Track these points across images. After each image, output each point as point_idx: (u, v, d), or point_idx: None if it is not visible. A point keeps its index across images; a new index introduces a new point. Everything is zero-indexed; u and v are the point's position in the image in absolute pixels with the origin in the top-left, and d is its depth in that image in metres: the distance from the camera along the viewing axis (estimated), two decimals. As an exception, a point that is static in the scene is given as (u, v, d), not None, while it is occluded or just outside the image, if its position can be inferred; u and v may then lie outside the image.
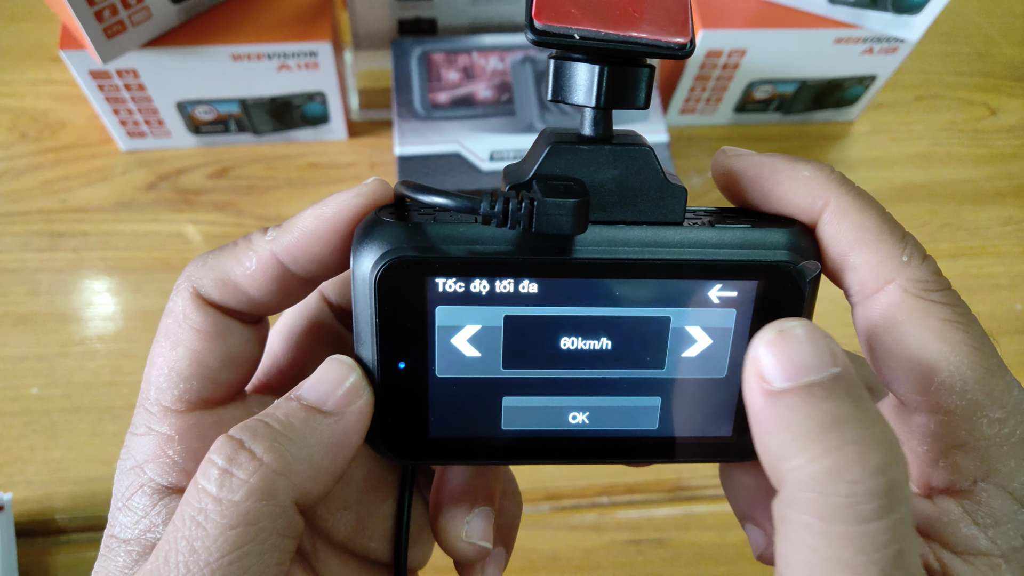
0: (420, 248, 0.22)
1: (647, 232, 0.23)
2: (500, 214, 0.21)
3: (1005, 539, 0.21)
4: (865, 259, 0.22)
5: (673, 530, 0.56)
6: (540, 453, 0.25)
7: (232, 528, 0.20)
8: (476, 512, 0.27)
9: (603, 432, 0.25)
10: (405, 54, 0.63)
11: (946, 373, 0.21)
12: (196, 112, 0.64)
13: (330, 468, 0.22)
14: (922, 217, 0.71)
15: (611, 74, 0.22)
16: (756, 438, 0.20)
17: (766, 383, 0.20)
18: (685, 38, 0.22)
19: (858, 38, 0.64)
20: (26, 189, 0.65)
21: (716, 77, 0.67)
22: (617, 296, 0.23)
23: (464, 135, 0.60)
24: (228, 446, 0.21)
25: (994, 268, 0.69)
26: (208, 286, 0.24)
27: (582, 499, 0.57)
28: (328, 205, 0.23)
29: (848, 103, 0.72)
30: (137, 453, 0.24)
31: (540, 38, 0.21)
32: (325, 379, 0.23)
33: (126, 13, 0.55)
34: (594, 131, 0.23)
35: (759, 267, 0.23)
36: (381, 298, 0.22)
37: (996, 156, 0.75)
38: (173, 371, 0.24)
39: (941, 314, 0.21)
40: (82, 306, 0.61)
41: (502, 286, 0.23)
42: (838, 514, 0.18)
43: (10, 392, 0.57)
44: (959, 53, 0.80)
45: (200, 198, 0.66)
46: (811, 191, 0.23)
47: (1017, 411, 0.21)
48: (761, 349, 0.20)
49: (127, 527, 0.23)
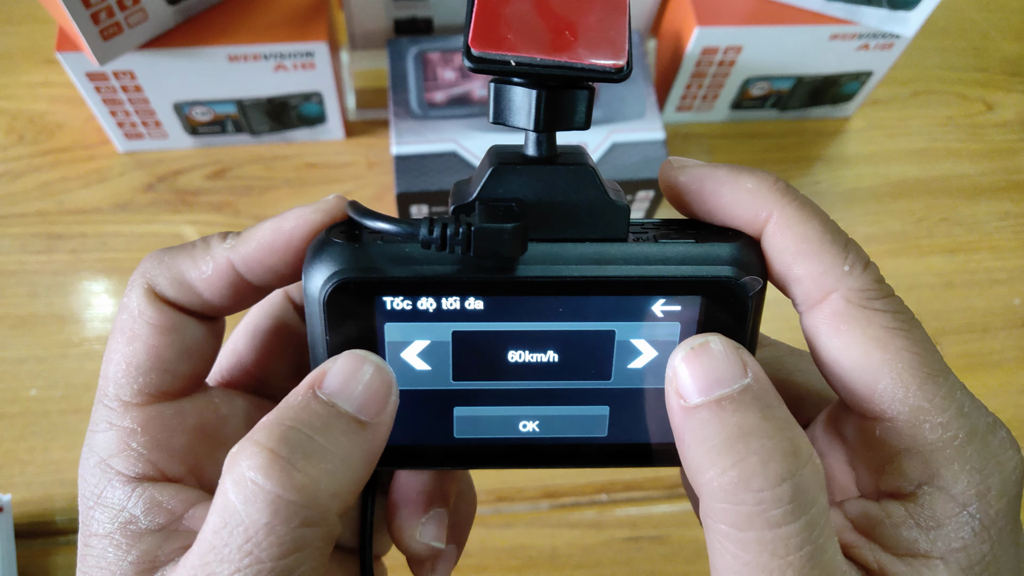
0: (366, 269, 0.22)
1: (590, 249, 0.23)
2: (438, 239, 0.21)
3: (945, 541, 0.21)
4: (808, 270, 0.22)
5: (672, 527, 0.56)
6: (492, 459, 0.26)
7: (289, 555, 0.20)
8: (431, 514, 0.28)
9: (554, 439, 0.25)
10: (401, 54, 0.63)
11: (888, 380, 0.21)
12: (193, 113, 0.64)
13: (367, 477, 0.22)
14: (919, 212, 0.71)
15: (548, 98, 0.22)
16: (679, 451, 0.22)
17: (682, 400, 0.21)
18: (621, 61, 0.22)
19: (854, 34, 0.64)
20: (24, 191, 0.66)
21: (712, 74, 0.68)
22: (562, 311, 0.23)
23: (461, 134, 0.60)
24: (276, 467, 0.20)
25: (991, 263, 0.69)
26: (163, 284, 0.24)
27: (581, 496, 0.57)
28: (287, 219, 0.24)
29: (844, 99, 0.73)
30: (100, 449, 0.24)
31: (477, 65, 0.22)
32: (358, 381, 0.22)
33: (122, 15, 0.55)
34: (537, 151, 0.23)
35: (701, 282, 0.23)
36: (330, 316, 0.23)
37: (993, 151, 0.75)
38: (131, 366, 0.23)
39: (882, 321, 0.22)
40: (81, 308, 0.61)
41: (449, 303, 0.23)
42: (748, 522, 0.19)
43: (9, 394, 0.57)
44: (955, 48, 0.80)
45: (198, 199, 0.66)
46: (753, 203, 0.23)
47: (960, 414, 0.21)
48: (677, 366, 0.22)
49: (104, 523, 0.23)
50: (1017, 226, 0.71)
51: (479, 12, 0.22)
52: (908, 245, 0.69)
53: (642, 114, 0.62)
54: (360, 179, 0.68)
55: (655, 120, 0.61)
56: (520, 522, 0.56)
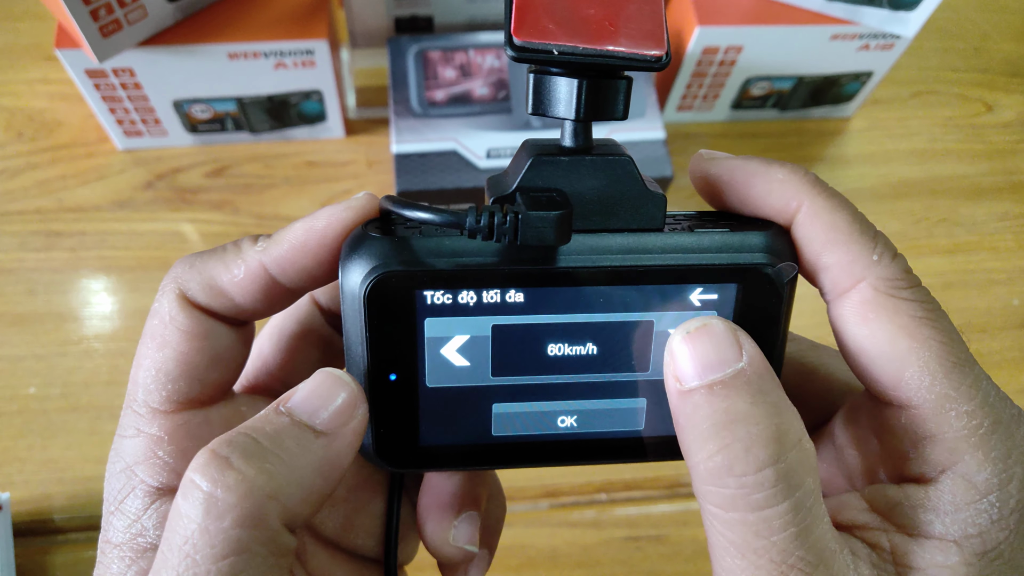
0: (407, 262, 0.22)
1: (629, 239, 0.23)
2: (486, 228, 0.21)
3: (961, 526, 0.21)
4: (837, 259, 0.23)
5: (672, 526, 0.56)
6: (529, 457, 0.26)
7: (223, 558, 0.19)
8: (463, 517, 0.28)
9: (591, 434, 0.25)
10: (402, 52, 0.63)
11: (915, 368, 0.22)
12: (193, 111, 0.64)
13: (321, 489, 0.22)
14: (919, 213, 0.71)
15: (589, 87, 0.22)
16: (676, 432, 0.22)
17: (679, 383, 0.22)
18: (661, 50, 0.22)
19: (854, 34, 0.64)
20: (23, 188, 0.65)
21: (713, 74, 0.68)
22: (602, 302, 0.23)
23: (461, 133, 0.60)
24: (213, 466, 0.20)
25: (991, 264, 0.69)
26: (195, 289, 0.24)
27: (581, 496, 0.57)
28: (319, 218, 0.23)
29: (845, 99, 0.73)
30: (127, 455, 0.24)
31: (520, 54, 0.22)
32: (319, 394, 0.22)
33: (122, 12, 0.55)
34: (574, 142, 0.24)
35: (737, 270, 0.23)
36: (370, 312, 0.23)
37: (993, 152, 0.75)
38: (160, 372, 0.23)
39: (910, 311, 0.22)
40: (79, 305, 0.61)
41: (489, 296, 0.23)
42: (733, 504, 0.20)
43: (8, 392, 0.57)
44: (955, 49, 0.80)
45: (197, 197, 0.66)
46: (785, 193, 0.23)
47: (985, 403, 0.22)
48: (675, 348, 0.22)
49: (119, 531, 0.23)
50: (1017, 227, 0.71)
51: (520, 2, 0.22)
52: (908, 245, 0.69)
53: (643, 113, 0.62)
54: (360, 177, 0.68)
55: (656, 120, 0.61)
56: (520, 521, 0.56)
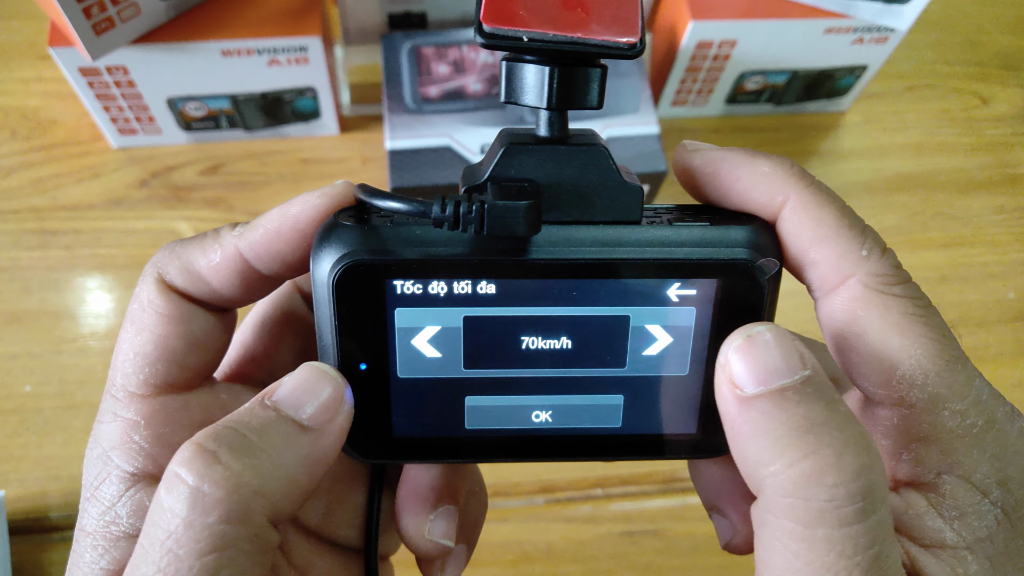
0: (376, 251, 0.22)
1: (604, 231, 0.23)
2: (451, 217, 0.21)
3: (970, 531, 0.21)
4: (825, 254, 0.22)
5: (667, 521, 0.57)
6: (504, 452, 0.25)
7: (207, 554, 0.19)
8: (440, 511, 0.28)
9: (567, 430, 0.25)
10: (395, 48, 0.63)
11: (907, 367, 0.21)
12: (187, 109, 0.64)
13: (307, 485, 0.21)
14: (914, 206, 0.71)
15: (562, 75, 0.22)
16: (732, 445, 0.21)
17: (738, 389, 0.20)
18: (635, 37, 0.22)
19: (848, 28, 0.64)
20: (17, 187, 0.65)
21: (707, 68, 0.67)
22: (575, 296, 0.23)
23: (455, 129, 0.60)
24: (199, 460, 0.20)
25: (987, 257, 0.69)
26: (173, 273, 0.24)
27: (577, 491, 0.57)
28: (293, 204, 0.23)
29: (839, 93, 0.73)
30: (103, 440, 0.23)
31: (489, 41, 0.21)
32: (304, 389, 0.22)
33: (114, 10, 0.55)
34: (549, 131, 0.23)
35: (717, 265, 0.23)
36: (339, 300, 0.22)
37: (988, 145, 0.75)
38: (139, 356, 0.23)
39: (901, 307, 0.21)
40: (75, 304, 0.61)
41: (460, 287, 0.23)
42: (819, 518, 0.18)
43: (3, 390, 0.57)
44: (950, 42, 0.80)
45: (192, 195, 0.66)
46: (770, 187, 0.23)
47: (978, 402, 0.21)
48: (731, 355, 0.21)
49: (93, 519, 0.23)
50: (1012, 220, 0.71)
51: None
52: (903, 239, 0.69)
53: (637, 108, 0.62)
54: (354, 174, 0.68)
55: (650, 114, 0.61)
56: (516, 517, 0.56)
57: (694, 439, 0.25)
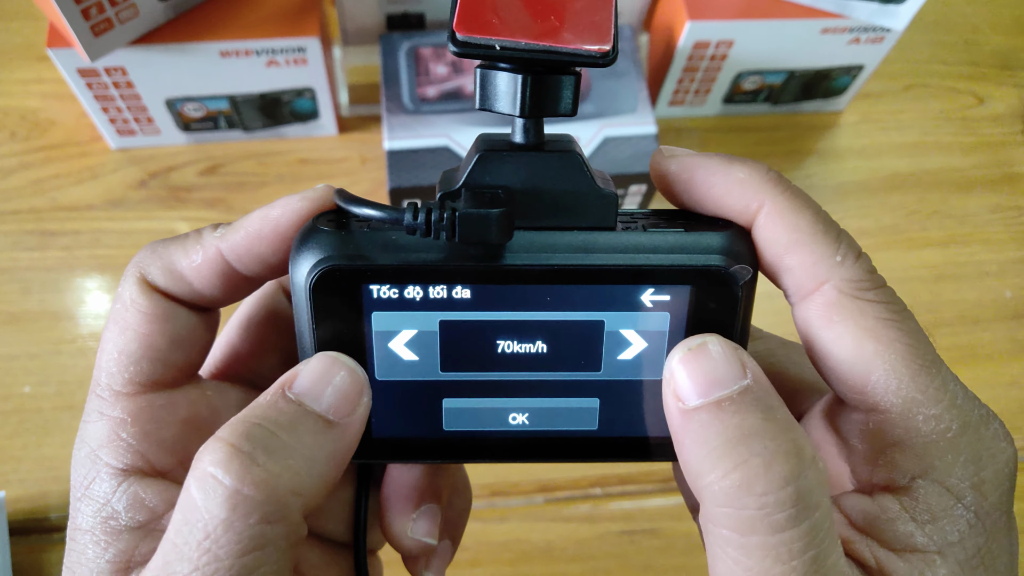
0: (352, 256, 0.22)
1: (578, 237, 0.23)
2: (423, 225, 0.21)
3: (941, 535, 0.21)
4: (800, 260, 0.22)
5: (666, 520, 0.57)
6: (482, 453, 0.26)
7: (247, 553, 0.19)
8: (423, 510, 0.28)
9: (543, 432, 0.25)
10: (393, 49, 0.63)
11: (881, 371, 0.21)
12: (185, 109, 0.64)
13: (334, 478, 0.22)
14: (911, 205, 0.71)
15: (534, 83, 0.22)
16: (678, 455, 0.21)
17: (680, 401, 0.21)
18: (607, 45, 0.22)
19: (844, 28, 0.65)
20: (16, 188, 0.65)
21: (704, 68, 0.68)
22: (550, 300, 0.23)
23: (453, 129, 0.60)
24: (236, 461, 0.20)
25: (983, 256, 0.69)
26: (155, 273, 0.24)
27: (575, 490, 0.57)
28: (274, 208, 0.24)
29: (836, 93, 0.73)
30: (91, 439, 0.24)
31: (462, 49, 0.22)
32: (326, 380, 0.22)
33: (113, 11, 0.55)
34: (524, 138, 0.23)
35: (691, 271, 0.23)
36: (316, 304, 0.23)
37: (984, 144, 0.75)
38: (123, 354, 0.23)
39: (875, 312, 0.21)
40: (74, 304, 0.61)
41: (435, 292, 0.23)
42: (752, 526, 0.19)
43: (2, 391, 0.57)
44: (946, 42, 0.80)
45: (191, 195, 0.66)
46: (745, 192, 0.23)
47: (952, 406, 0.21)
48: (674, 367, 0.22)
49: (88, 516, 0.23)
50: (1008, 219, 0.71)
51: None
52: (900, 238, 0.70)
53: (634, 108, 0.62)
54: (353, 174, 0.68)
55: (647, 114, 0.62)
56: (514, 516, 0.56)
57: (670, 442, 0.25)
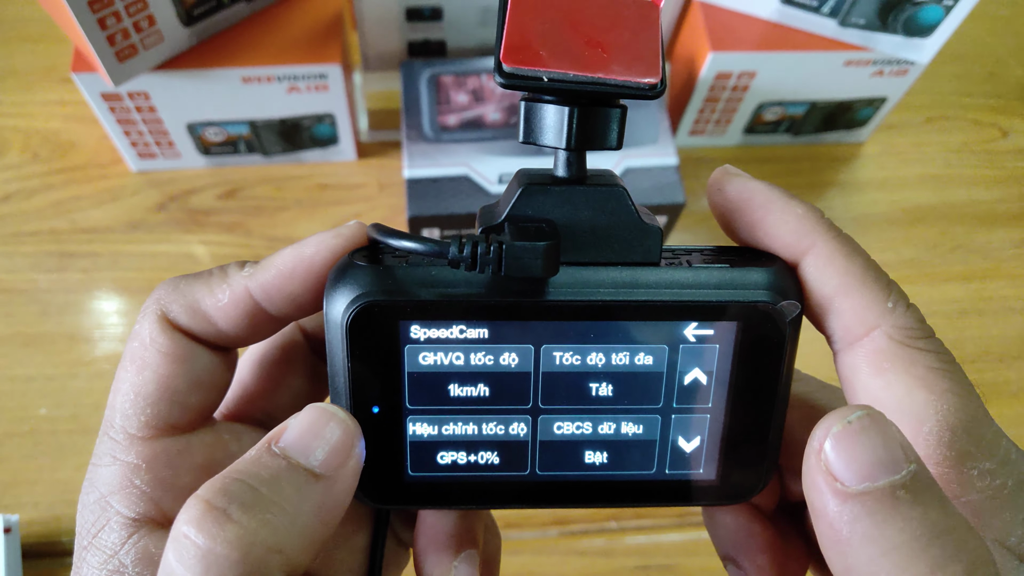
0: (390, 291, 0.22)
1: (623, 273, 0.23)
2: (468, 258, 0.21)
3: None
4: (851, 304, 0.22)
5: (681, 556, 0.56)
6: (523, 496, 0.25)
7: None
8: (463, 556, 0.27)
9: (607, 476, 0.24)
10: (414, 76, 0.63)
11: (933, 422, 0.21)
12: (206, 134, 0.65)
13: (322, 535, 0.21)
14: (934, 239, 0.70)
15: (581, 115, 0.22)
16: (830, 546, 0.19)
17: (838, 483, 0.18)
18: (655, 78, 0.21)
19: (868, 60, 0.64)
20: (37, 209, 0.66)
21: (726, 99, 0.67)
22: (593, 337, 0.23)
23: (473, 158, 0.60)
24: (209, 518, 0.19)
25: (1007, 291, 0.68)
26: (177, 311, 0.23)
27: (591, 524, 0.57)
28: (307, 245, 0.23)
29: (858, 125, 0.72)
30: (101, 485, 0.23)
31: (509, 81, 0.21)
32: (313, 432, 0.21)
33: (138, 37, 0.55)
34: (567, 172, 0.23)
35: (738, 307, 0.22)
36: (352, 342, 0.22)
37: (1008, 177, 0.74)
38: (139, 396, 0.23)
39: (927, 362, 0.21)
40: (91, 327, 0.61)
41: (476, 329, 0.22)
42: None
43: (19, 412, 0.57)
44: (969, 74, 0.80)
45: (209, 219, 0.66)
46: (799, 229, 0.23)
47: (1007, 461, 0.20)
48: (827, 443, 0.19)
49: (94, 568, 0.22)
50: (1033, 254, 0.71)
51: (510, 28, 0.21)
52: (922, 272, 0.69)
53: (655, 139, 0.61)
54: (371, 200, 0.68)
55: (668, 145, 0.61)
56: (529, 549, 0.55)
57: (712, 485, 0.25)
